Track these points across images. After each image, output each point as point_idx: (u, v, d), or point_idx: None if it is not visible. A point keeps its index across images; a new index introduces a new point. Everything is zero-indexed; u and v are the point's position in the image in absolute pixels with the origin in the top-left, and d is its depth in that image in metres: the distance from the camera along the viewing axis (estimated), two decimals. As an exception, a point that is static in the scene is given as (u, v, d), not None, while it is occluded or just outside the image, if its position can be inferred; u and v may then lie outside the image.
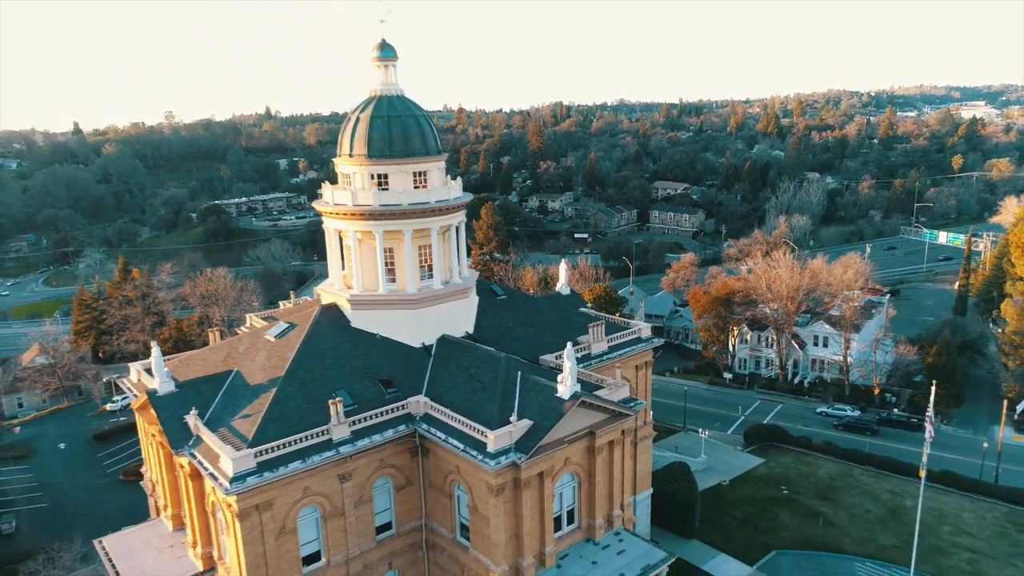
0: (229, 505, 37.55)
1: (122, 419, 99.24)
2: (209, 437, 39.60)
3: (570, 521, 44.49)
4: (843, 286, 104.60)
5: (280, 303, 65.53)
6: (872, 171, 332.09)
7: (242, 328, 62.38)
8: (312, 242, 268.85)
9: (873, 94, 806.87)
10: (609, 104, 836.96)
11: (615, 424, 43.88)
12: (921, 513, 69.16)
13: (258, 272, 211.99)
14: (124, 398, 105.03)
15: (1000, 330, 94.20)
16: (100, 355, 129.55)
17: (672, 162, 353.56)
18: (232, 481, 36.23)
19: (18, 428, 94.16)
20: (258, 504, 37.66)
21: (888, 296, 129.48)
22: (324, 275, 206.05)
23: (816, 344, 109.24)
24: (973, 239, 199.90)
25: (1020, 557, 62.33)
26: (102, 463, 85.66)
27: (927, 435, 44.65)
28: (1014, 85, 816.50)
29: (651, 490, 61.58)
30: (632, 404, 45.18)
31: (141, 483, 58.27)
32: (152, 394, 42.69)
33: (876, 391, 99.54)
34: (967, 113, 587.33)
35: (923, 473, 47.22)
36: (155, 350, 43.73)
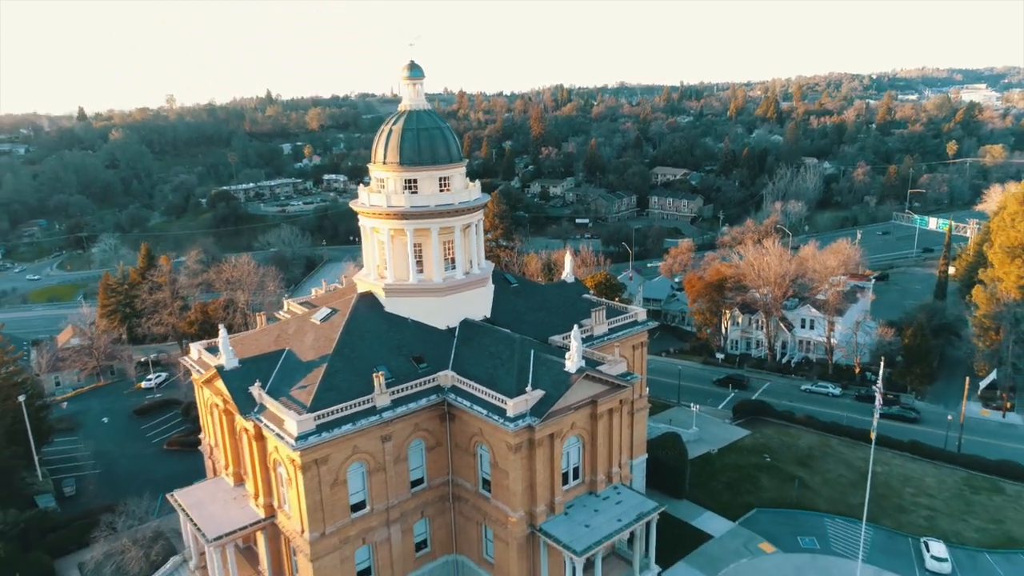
0: (293, 460, 45.21)
1: (157, 396, 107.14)
2: (272, 404, 47.19)
3: (576, 477, 52.21)
4: (828, 273, 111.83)
5: (313, 290, 72.91)
6: (868, 157, 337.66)
7: (280, 313, 69.91)
8: (319, 227, 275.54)
9: (875, 77, 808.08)
10: (610, 87, 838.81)
11: (614, 394, 51.44)
12: (888, 478, 77.43)
13: (269, 257, 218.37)
14: (158, 376, 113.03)
15: (972, 314, 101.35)
16: (125, 337, 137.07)
17: (672, 148, 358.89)
18: (297, 439, 43.86)
19: (65, 404, 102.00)
20: (316, 459, 45.31)
21: (872, 281, 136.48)
22: (333, 260, 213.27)
23: (803, 326, 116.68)
24: (960, 226, 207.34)
25: (971, 514, 70.34)
26: (145, 435, 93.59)
27: (877, 404, 51.98)
28: (1016, 67, 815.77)
29: (646, 455, 69.52)
30: (628, 377, 52.71)
31: (199, 447, 65.97)
32: (221, 369, 50.17)
33: (857, 370, 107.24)
34: (968, 96, 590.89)
35: (873, 436, 54.66)
36: (222, 332, 51.16)
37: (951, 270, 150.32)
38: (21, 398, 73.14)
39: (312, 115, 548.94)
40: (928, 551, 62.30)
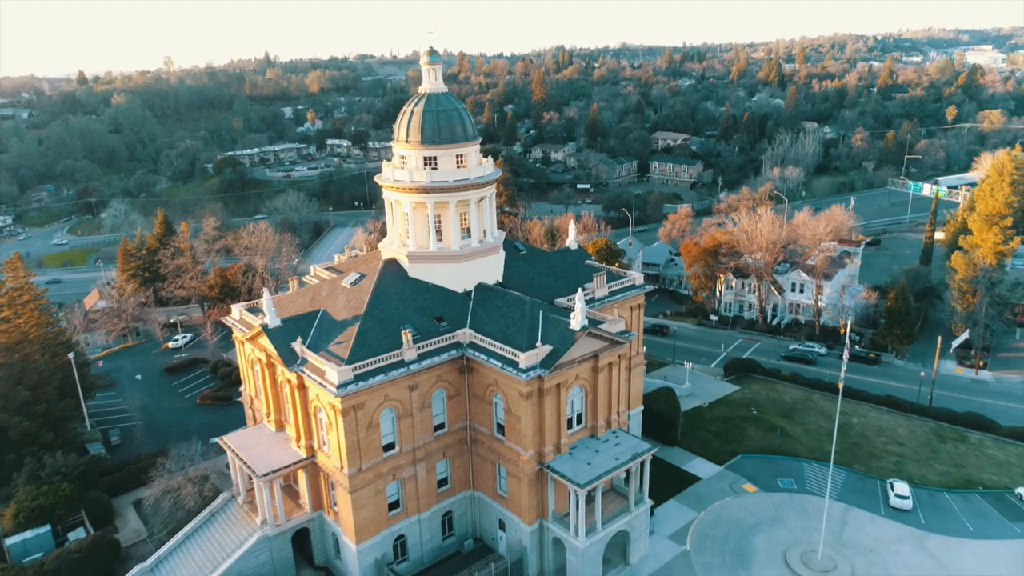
0: (333, 406, 51.90)
1: (184, 355, 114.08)
2: (314, 358, 53.71)
3: (579, 422, 59.03)
4: (817, 239, 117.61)
5: (336, 256, 78.83)
6: (868, 122, 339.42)
7: (308, 277, 75.99)
8: (325, 193, 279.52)
9: (879, 38, 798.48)
10: (612, 48, 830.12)
11: (613, 350, 57.93)
12: (864, 428, 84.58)
13: (276, 222, 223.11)
14: (184, 337, 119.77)
15: (952, 278, 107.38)
16: (152, 300, 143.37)
17: (673, 112, 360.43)
18: (338, 388, 50.45)
19: (100, 362, 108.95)
20: (354, 405, 51.99)
21: (861, 247, 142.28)
22: (340, 225, 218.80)
23: (793, 290, 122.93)
24: (952, 191, 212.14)
25: (936, 460, 77.71)
26: (177, 391, 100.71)
27: (844, 357, 58.62)
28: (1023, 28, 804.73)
29: (642, 407, 76.48)
30: (626, 335, 59.14)
31: (231, 400, 72.82)
32: (265, 327, 56.53)
33: (842, 331, 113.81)
34: (973, 58, 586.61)
35: (841, 386, 61.34)
36: (266, 294, 57.35)
37: (940, 235, 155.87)
38: (71, 355, 79.79)
39: (312, 78, 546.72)
40: (892, 490, 69.70)
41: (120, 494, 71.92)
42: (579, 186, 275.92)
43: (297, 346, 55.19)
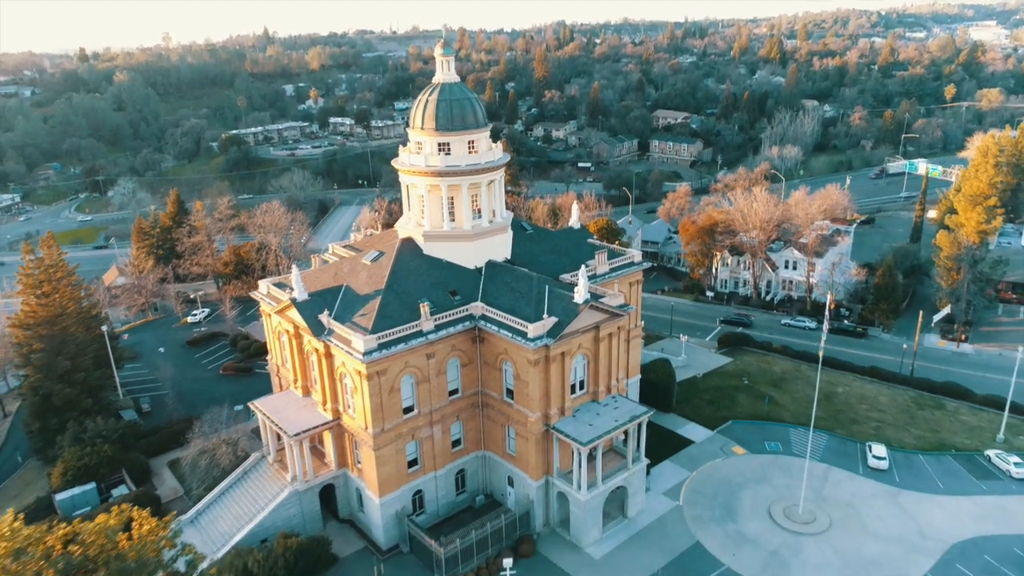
0: (359, 372, 57.17)
1: (203, 329, 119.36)
2: (340, 329, 58.88)
3: (581, 387, 64.40)
4: (809, 219, 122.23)
5: (352, 235, 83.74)
6: (868, 100, 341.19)
7: (327, 255, 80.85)
8: (329, 171, 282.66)
9: (883, 13, 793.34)
10: (613, 23, 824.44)
11: (613, 322, 63.09)
12: (847, 397, 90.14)
13: (283, 201, 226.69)
14: (202, 312, 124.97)
15: (938, 256, 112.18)
16: (172, 277, 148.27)
17: (673, 91, 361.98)
18: (364, 355, 55.69)
19: (126, 335, 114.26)
20: (378, 371, 57.27)
21: (854, 225, 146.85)
22: (345, 203, 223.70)
23: (786, 267, 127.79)
24: (947, 171, 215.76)
25: (913, 425, 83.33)
26: (200, 362, 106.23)
27: (824, 329, 63.78)
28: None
29: (640, 376, 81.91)
30: (625, 308, 64.25)
31: (260, 368, 78.17)
32: (295, 300, 61.62)
33: (831, 306, 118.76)
34: (976, 34, 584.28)
35: (820, 355, 66.77)
36: (295, 271, 62.30)
37: (933, 214, 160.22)
38: (104, 328, 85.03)
39: (312, 54, 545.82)
40: (871, 452, 75.37)
41: (156, 455, 77.80)
42: (580, 165, 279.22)
43: (324, 318, 60.33)
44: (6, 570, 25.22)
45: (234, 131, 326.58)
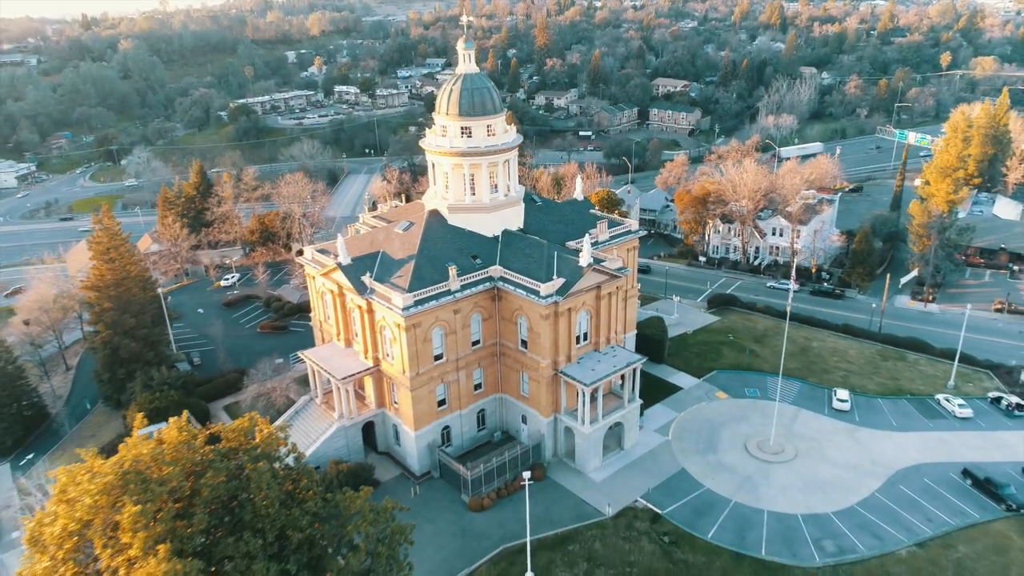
0: (398, 324, 67.79)
1: (235, 292, 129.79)
2: (381, 288, 69.32)
3: (585, 339, 75.14)
4: (795, 189, 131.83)
5: (380, 206, 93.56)
6: (866, 67, 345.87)
7: (357, 224, 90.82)
8: (336, 140, 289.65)
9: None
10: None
11: (612, 282, 73.52)
12: (821, 350, 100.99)
13: (294, 170, 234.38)
14: (234, 276, 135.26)
15: (910, 224, 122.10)
16: (205, 244, 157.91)
17: (673, 58, 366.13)
18: (403, 310, 66.25)
19: (169, 298, 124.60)
20: (414, 323, 67.89)
21: (839, 195, 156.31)
22: (353, 172, 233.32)
23: (773, 234, 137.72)
24: (936, 140, 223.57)
25: (876, 374, 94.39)
26: (238, 321, 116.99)
27: (791, 289, 74.30)
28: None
29: (635, 331, 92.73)
30: (622, 270, 74.62)
31: (309, 322, 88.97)
32: (340, 264, 71.93)
33: (813, 270, 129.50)
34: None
35: (788, 310, 77.51)
36: (340, 239, 72.45)
37: (919, 183, 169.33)
38: (159, 290, 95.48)
39: (312, 20, 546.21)
40: (835, 396, 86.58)
41: (213, 400, 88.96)
42: (581, 134, 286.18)
43: (367, 279, 70.72)
44: (183, 458, 35.81)
45: (242, 100, 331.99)
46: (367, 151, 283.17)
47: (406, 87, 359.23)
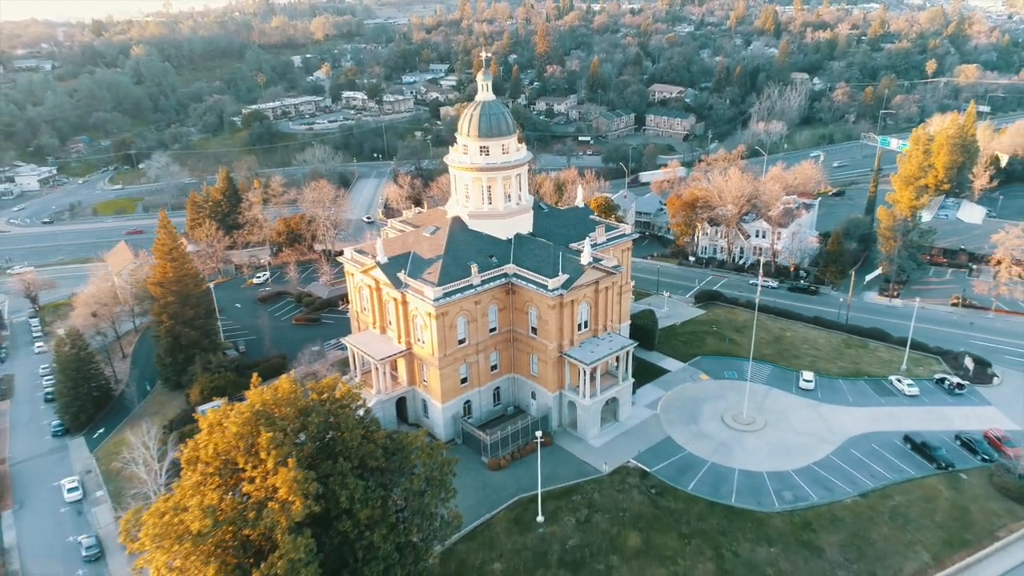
0: (429, 313, 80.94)
1: (267, 289, 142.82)
2: (414, 283, 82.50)
3: (586, 326, 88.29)
4: (775, 195, 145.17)
5: (404, 212, 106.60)
6: (855, 74, 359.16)
7: (385, 229, 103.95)
8: (346, 145, 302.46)
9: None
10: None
11: (609, 278, 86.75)
12: (793, 339, 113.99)
13: (307, 174, 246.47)
14: (266, 274, 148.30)
15: (878, 227, 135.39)
16: (238, 244, 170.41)
17: (669, 64, 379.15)
18: (434, 301, 79.45)
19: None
20: (442, 312, 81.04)
21: (819, 199, 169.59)
22: (363, 176, 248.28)
23: (756, 236, 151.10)
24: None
25: (840, 360, 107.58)
26: (273, 315, 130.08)
27: (759, 285, 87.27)
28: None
29: (629, 322, 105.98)
30: (617, 268, 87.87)
31: (340, 315, 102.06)
32: (379, 262, 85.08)
33: (791, 268, 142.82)
34: (974, 0, 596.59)
35: (757, 300, 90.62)
36: (379, 241, 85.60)
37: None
38: (211, 284, 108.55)
39: (316, 24, 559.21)
40: (802, 377, 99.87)
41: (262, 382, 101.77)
42: (580, 139, 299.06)
43: (402, 275, 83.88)
44: (294, 402, 48.83)
45: (254, 106, 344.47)
46: (375, 155, 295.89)
47: (411, 92, 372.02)
